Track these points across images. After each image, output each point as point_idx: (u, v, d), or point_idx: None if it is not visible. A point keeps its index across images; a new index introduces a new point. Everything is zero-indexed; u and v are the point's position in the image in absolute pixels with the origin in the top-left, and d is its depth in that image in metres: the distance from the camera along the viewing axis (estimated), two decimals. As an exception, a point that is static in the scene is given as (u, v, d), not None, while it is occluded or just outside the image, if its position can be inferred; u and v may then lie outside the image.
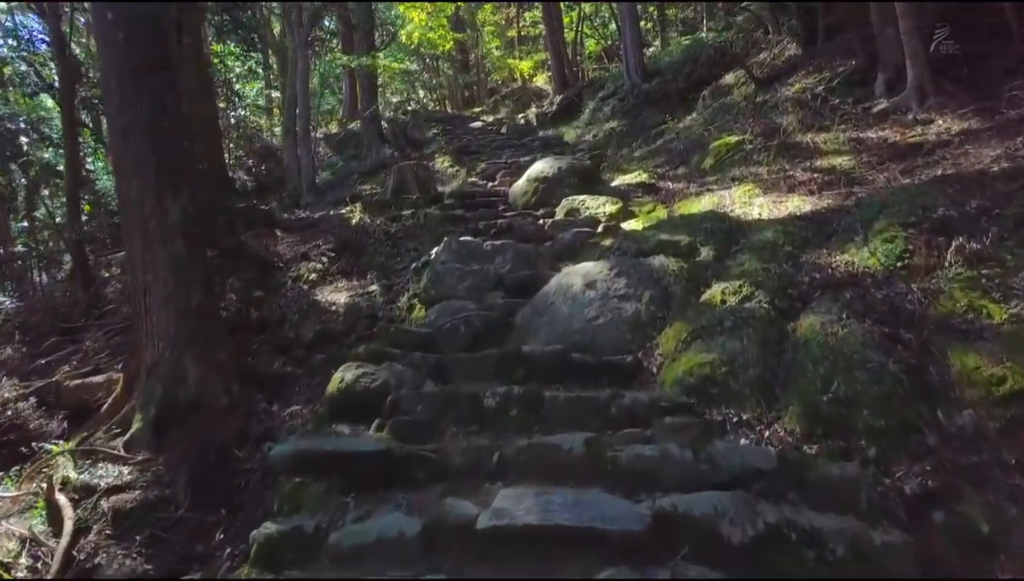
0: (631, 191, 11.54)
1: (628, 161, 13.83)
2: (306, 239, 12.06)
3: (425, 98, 34.57)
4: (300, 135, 17.94)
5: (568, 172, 11.52)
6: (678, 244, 7.23)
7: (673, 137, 15.54)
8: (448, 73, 32.98)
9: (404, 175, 14.36)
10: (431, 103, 33.96)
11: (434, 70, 33.45)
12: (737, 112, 13.59)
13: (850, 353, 4.84)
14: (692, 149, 12.80)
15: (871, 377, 4.63)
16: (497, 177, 13.73)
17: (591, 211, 10.37)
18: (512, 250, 7.83)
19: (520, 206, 11.56)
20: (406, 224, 11.63)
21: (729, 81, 15.86)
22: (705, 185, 10.97)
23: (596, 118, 21.17)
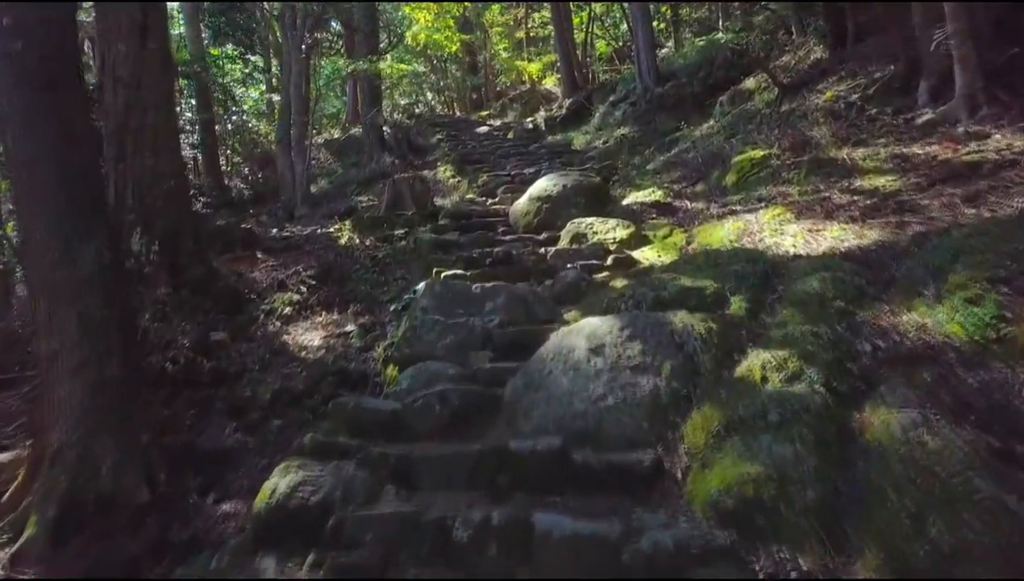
0: (644, 211, 10.16)
1: (641, 175, 12.44)
2: (288, 263, 10.74)
3: (433, 100, 33.23)
4: (295, 143, 16.62)
5: (574, 190, 10.16)
6: (703, 292, 5.87)
7: (689, 146, 14.16)
8: (456, 75, 31.64)
9: (399, 189, 13.04)
10: (439, 105, 32.62)
11: (442, 72, 32.12)
12: (760, 121, 12.18)
13: (948, 476, 3.47)
14: (711, 163, 11.41)
15: (984, 518, 3.26)
16: (498, 193, 12.37)
17: (599, 237, 9.02)
18: (505, 294, 6.47)
19: (521, 228, 10.21)
20: (396, 247, 10.31)
21: (749, 86, 14.45)
22: (727, 206, 9.59)
23: (606, 123, 19.83)
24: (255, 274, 10.23)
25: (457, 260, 8.63)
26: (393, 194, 13.12)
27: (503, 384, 5.26)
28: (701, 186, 10.74)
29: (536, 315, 6.43)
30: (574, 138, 20.50)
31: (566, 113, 22.65)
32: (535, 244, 9.39)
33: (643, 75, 18.81)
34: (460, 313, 6.37)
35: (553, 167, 14.98)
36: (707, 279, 6.08)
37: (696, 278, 6.14)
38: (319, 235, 12.08)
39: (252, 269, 10.60)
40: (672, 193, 10.73)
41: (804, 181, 9.19)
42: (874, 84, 10.41)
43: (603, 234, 9.04)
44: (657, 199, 10.52)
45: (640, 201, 10.66)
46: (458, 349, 5.86)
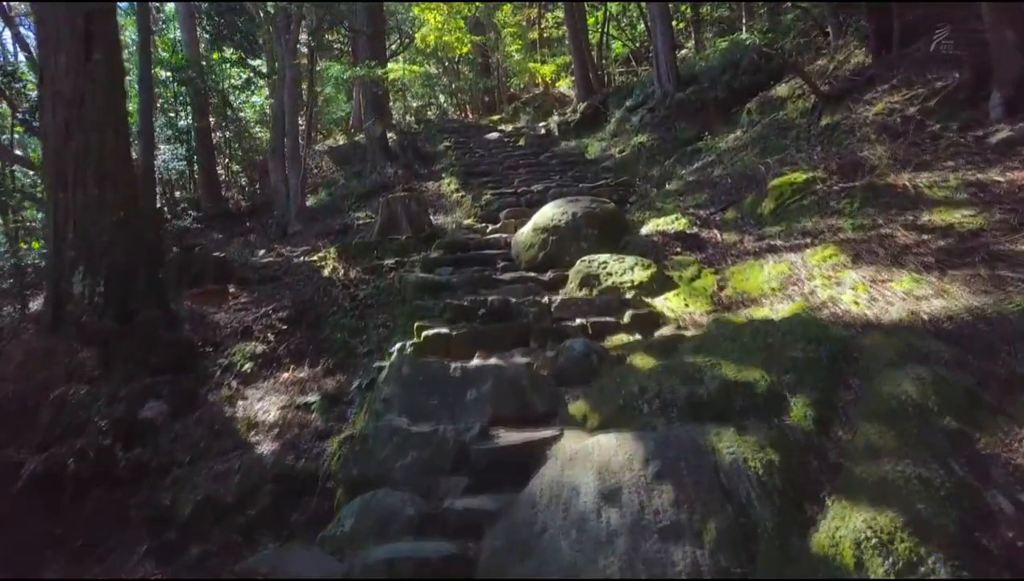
0: (667, 244, 8.53)
1: (662, 197, 10.77)
2: (261, 300, 9.22)
3: (446, 103, 31.60)
4: (288, 155, 15.10)
5: (585, 220, 8.54)
6: (752, 389, 4.26)
7: (713, 160, 12.51)
8: (469, 77, 29.97)
9: (393, 209, 11.47)
10: (452, 108, 31.00)
11: (454, 73, 30.47)
12: (797, 135, 10.50)
13: None
14: (743, 184, 9.75)
15: None
16: (501, 217, 10.74)
17: (614, 279, 7.41)
18: (493, 380, 4.88)
19: (524, 263, 8.60)
20: (379, 286, 8.75)
21: (781, 93, 12.74)
22: (765, 239, 7.96)
23: (623, 129, 18.19)
24: (220, 315, 8.71)
25: (445, 309, 7.04)
26: (387, 215, 11.55)
27: (479, 534, 3.68)
28: (732, 213, 9.09)
29: (532, 407, 4.84)
30: (588, 145, 18.88)
31: (580, 118, 21.04)
32: (539, 287, 7.80)
33: (662, 79, 17.15)
34: (433, 406, 4.78)
35: (564, 182, 13.37)
36: (755, 367, 4.45)
37: (741, 364, 4.51)
38: (301, 265, 10.53)
39: (221, 307, 9.09)
40: (698, 220, 9.08)
41: (858, 212, 7.54)
42: (935, 94, 8.70)
43: (618, 276, 7.43)
44: (681, 228, 8.88)
45: (661, 230, 9.02)
46: (424, 471, 4.25)
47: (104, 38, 8.42)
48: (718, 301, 7.03)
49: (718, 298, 7.10)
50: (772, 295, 6.74)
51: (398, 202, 11.54)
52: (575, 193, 11.57)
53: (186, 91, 18.51)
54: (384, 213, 11.61)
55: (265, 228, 15.59)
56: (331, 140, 23.62)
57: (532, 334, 6.28)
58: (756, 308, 6.63)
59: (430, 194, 15.73)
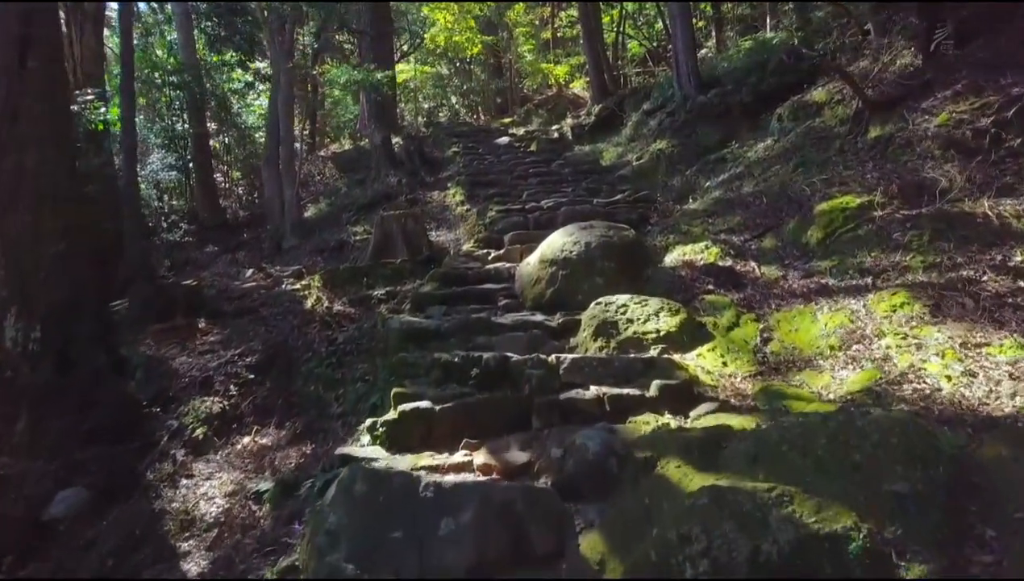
0: (696, 278, 7.13)
1: (688, 218, 9.31)
2: (230, 340, 7.91)
3: (457, 104, 30.18)
4: (283, 165, 13.78)
5: (601, 251, 7.14)
6: (842, 546, 2.89)
7: (742, 171, 11.09)
8: (481, 78, 28.51)
9: (388, 229, 10.15)
10: (463, 110, 29.59)
11: (466, 75, 29.03)
12: (841, 148, 9.05)
13: None
14: (781, 205, 8.32)
15: None
16: (505, 241, 9.30)
17: (636, 328, 6.03)
18: (477, 505, 3.50)
19: (529, 301, 7.21)
20: (363, 326, 7.43)
21: (817, 98, 11.27)
22: (814, 277, 6.56)
23: (640, 134, 16.75)
24: (181, 360, 7.41)
25: (433, 366, 5.68)
26: (381, 235, 10.23)
27: None
28: (771, 241, 7.68)
29: (530, 544, 3.47)
30: (603, 151, 17.47)
31: (595, 121, 19.60)
32: (545, 334, 6.42)
33: (682, 81, 15.68)
34: (394, 543, 3.42)
35: (577, 196, 11.97)
36: (842, 506, 3.06)
37: (820, 497, 3.12)
38: (282, 294, 9.20)
39: (186, 347, 7.78)
40: (732, 250, 7.67)
41: (929, 248, 6.13)
42: (1011, 103, 7.23)
43: (640, 324, 6.05)
44: (712, 259, 7.48)
45: (689, 260, 7.63)
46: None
47: (43, 43, 7.10)
48: (763, 359, 5.64)
49: (763, 355, 5.70)
50: (831, 355, 5.35)
51: (394, 221, 10.20)
52: (588, 210, 10.19)
53: (182, 96, 17.23)
54: (378, 233, 10.28)
55: (259, 242, 14.29)
56: (336, 145, 22.30)
57: (535, 409, 4.90)
58: (813, 373, 5.23)
59: (434, 206, 14.39)
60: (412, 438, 4.79)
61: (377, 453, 4.69)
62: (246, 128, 19.17)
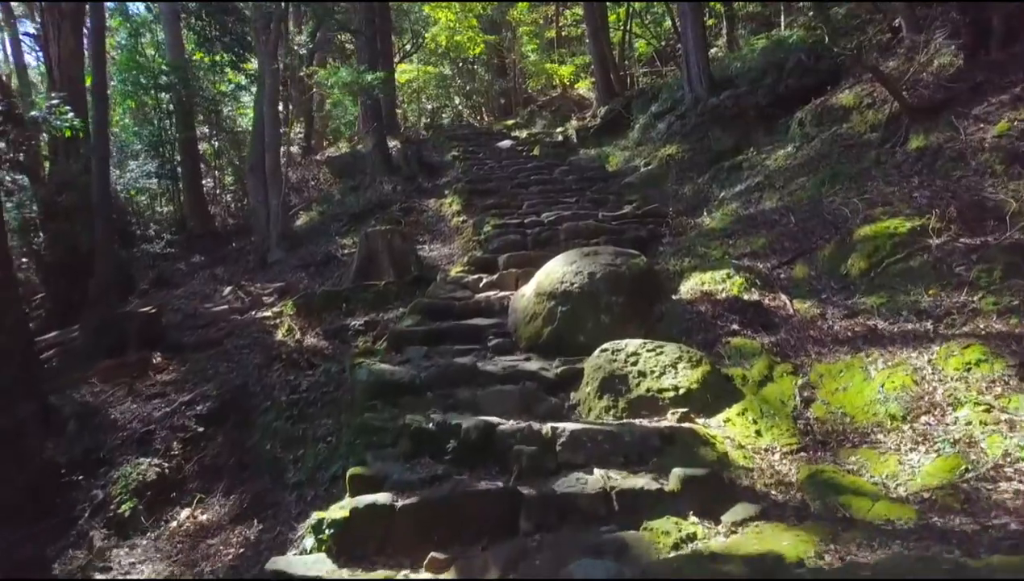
0: (718, 315, 5.99)
1: (704, 238, 8.12)
2: (185, 380, 6.83)
3: (461, 105, 28.96)
4: (269, 172, 12.67)
5: (607, 283, 5.99)
6: None
7: (761, 181, 9.96)
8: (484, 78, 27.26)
9: (373, 247, 9.05)
10: (467, 111, 28.38)
11: (469, 75, 27.79)
12: (877, 159, 7.89)
13: None
14: (813, 225, 7.15)
15: None
16: (499, 263, 8.13)
17: (649, 384, 4.91)
18: None
19: (524, 341, 6.08)
20: (330, 371, 6.30)
21: (843, 101, 10.11)
22: (860, 317, 5.43)
23: (648, 137, 15.60)
24: (123, 408, 6.31)
25: (401, 434, 4.58)
26: (365, 254, 9.13)
27: None
28: (803, 268, 6.53)
29: None
30: (610, 155, 16.31)
31: (601, 123, 18.45)
32: (540, 387, 5.29)
33: (692, 82, 14.53)
34: None
35: (581, 208, 10.83)
36: None
37: None
38: (252, 323, 8.10)
39: (135, 387, 6.68)
40: (758, 277, 6.52)
41: (1002, 286, 4.99)
42: (1086, 111, 6.08)
43: (655, 379, 4.93)
44: (736, 291, 6.33)
45: (708, 291, 6.48)
46: None
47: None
48: (806, 427, 4.51)
49: (805, 421, 4.57)
50: (894, 429, 4.21)
51: (379, 238, 9.10)
52: (593, 226, 9.08)
53: (170, 98, 16.12)
54: (363, 250, 9.18)
55: (244, 254, 13.20)
56: (334, 148, 21.18)
57: (523, 505, 3.79)
58: (872, 452, 4.11)
59: (430, 215, 13.28)
60: (366, 543, 3.69)
61: (320, 567, 3.59)
62: (238, 131, 18.04)
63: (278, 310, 8.23)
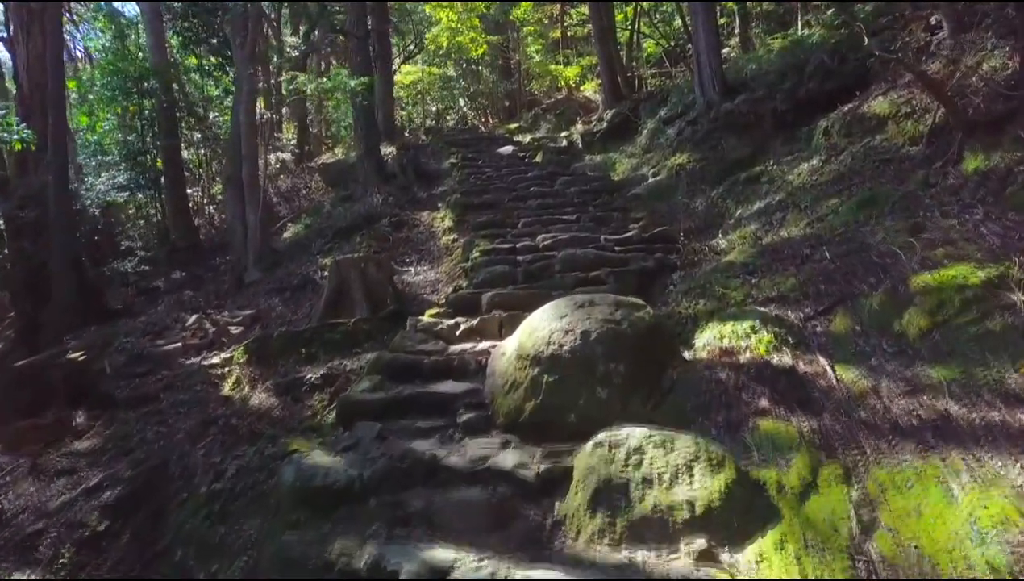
0: (743, 387, 4.70)
1: (721, 274, 6.74)
2: (102, 452, 5.61)
3: (465, 107, 27.65)
4: (247, 186, 11.45)
5: (604, 346, 4.70)
6: None
7: (783, 199, 8.69)
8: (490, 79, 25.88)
9: (345, 277, 7.81)
10: (471, 112, 27.07)
11: (474, 76, 26.42)
12: (925, 180, 6.57)
13: None
14: (851, 262, 5.82)
15: None
16: (482, 305, 6.77)
17: (656, 496, 3.66)
18: None
19: (502, 417, 4.80)
20: (265, 453, 5.03)
21: (877, 109, 8.79)
22: (925, 395, 4.14)
23: (656, 144, 14.33)
24: (20, 491, 5.10)
25: (327, 568, 3.32)
26: (336, 284, 7.89)
27: None
28: (844, 319, 5.22)
29: None
30: (616, 162, 15.06)
31: (607, 127, 17.17)
32: (516, 493, 4.01)
33: (704, 85, 13.22)
34: None
35: (582, 228, 9.56)
36: None
37: None
38: (197, 372, 6.88)
39: (40, 461, 5.46)
40: (789, 331, 5.22)
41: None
42: None
43: (664, 489, 3.68)
44: (763, 350, 5.04)
45: (728, 348, 5.20)
46: None
47: None
48: (870, 572, 3.23)
49: (867, 562, 3.29)
50: (999, 589, 2.92)
51: (351, 267, 7.86)
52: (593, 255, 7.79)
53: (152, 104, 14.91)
54: (334, 280, 7.95)
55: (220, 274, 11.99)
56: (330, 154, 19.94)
57: None
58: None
59: (420, 231, 12.04)
60: None
61: None
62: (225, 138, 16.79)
63: (227, 356, 6.99)
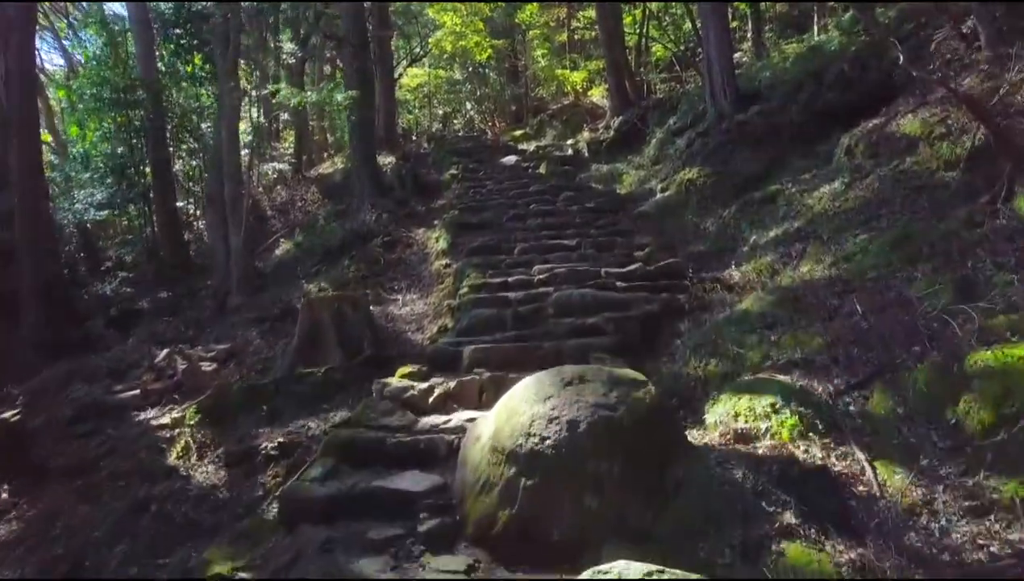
0: (762, 494, 3.78)
1: (736, 324, 5.79)
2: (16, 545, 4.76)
3: (472, 110, 26.69)
4: (229, 205, 10.62)
5: (595, 441, 3.79)
6: None
7: (803, 227, 7.83)
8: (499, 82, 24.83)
9: (317, 318, 7.00)
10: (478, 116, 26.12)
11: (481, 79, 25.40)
12: (970, 219, 5.63)
13: None
14: (891, 324, 4.85)
15: None
16: (466, 357, 5.83)
17: (656, 667, 2.72)
18: None
19: (471, 527, 3.89)
20: (189, 566, 4.16)
21: (907, 128, 7.85)
22: (995, 521, 3.23)
23: (665, 155, 13.45)
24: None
25: None
26: (309, 325, 7.06)
27: None
28: (883, 398, 4.30)
29: None
30: (623, 174, 14.19)
31: (614, 136, 16.28)
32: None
33: (715, 94, 12.26)
34: None
35: (583, 255, 8.68)
36: None
37: None
38: (146, 430, 6.04)
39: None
40: (816, 410, 4.30)
41: None
42: None
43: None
44: (786, 436, 4.14)
45: (745, 430, 4.31)
46: None
47: None
48: None
49: None
50: None
51: (324, 307, 7.01)
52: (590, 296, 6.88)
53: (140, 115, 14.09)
54: (305, 321, 7.10)
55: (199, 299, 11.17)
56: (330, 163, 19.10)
57: None
58: None
59: (414, 251, 11.18)
60: None
61: None
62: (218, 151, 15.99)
63: (178, 416, 6.14)
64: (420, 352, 6.39)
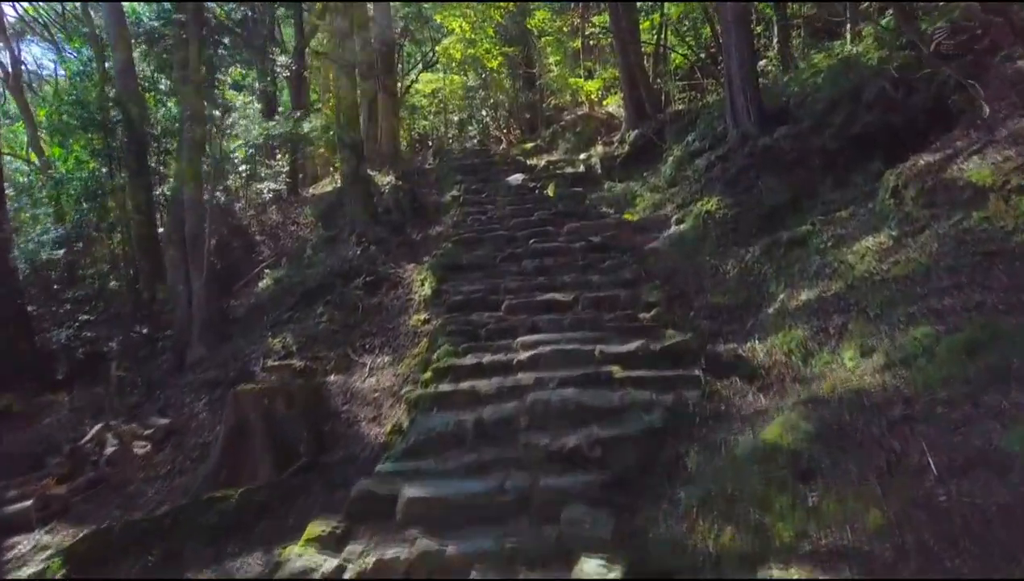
0: None
1: (763, 461, 4.19)
2: None
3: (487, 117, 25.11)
4: (188, 242, 9.23)
5: None
6: None
7: (841, 289, 6.29)
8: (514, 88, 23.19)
9: (244, 416, 5.60)
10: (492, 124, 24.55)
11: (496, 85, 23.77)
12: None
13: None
14: (989, 480, 3.30)
15: None
16: (399, 510, 4.13)
17: None
18: None
19: None
20: None
21: (972, 175, 6.22)
22: None
23: (683, 176, 11.90)
24: None
25: None
26: (234, 425, 5.66)
27: None
28: None
29: None
30: (636, 195, 12.71)
31: (629, 151, 14.75)
32: None
33: (738, 113, 10.66)
34: None
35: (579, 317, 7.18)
36: None
37: None
38: None
39: None
40: None
41: None
42: None
43: None
44: None
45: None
46: None
47: None
48: None
49: None
50: None
51: (252, 403, 5.59)
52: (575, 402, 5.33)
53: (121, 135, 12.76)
54: (230, 422, 5.68)
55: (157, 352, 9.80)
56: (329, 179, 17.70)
57: None
58: None
59: (397, 295, 9.75)
60: None
61: None
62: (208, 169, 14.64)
63: (42, 568, 4.74)
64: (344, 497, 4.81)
